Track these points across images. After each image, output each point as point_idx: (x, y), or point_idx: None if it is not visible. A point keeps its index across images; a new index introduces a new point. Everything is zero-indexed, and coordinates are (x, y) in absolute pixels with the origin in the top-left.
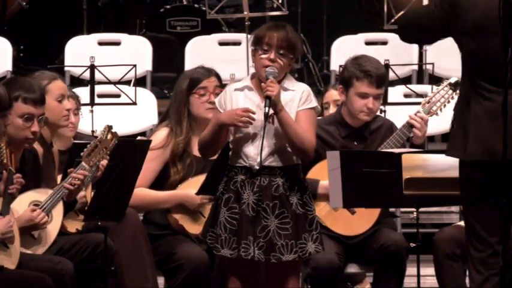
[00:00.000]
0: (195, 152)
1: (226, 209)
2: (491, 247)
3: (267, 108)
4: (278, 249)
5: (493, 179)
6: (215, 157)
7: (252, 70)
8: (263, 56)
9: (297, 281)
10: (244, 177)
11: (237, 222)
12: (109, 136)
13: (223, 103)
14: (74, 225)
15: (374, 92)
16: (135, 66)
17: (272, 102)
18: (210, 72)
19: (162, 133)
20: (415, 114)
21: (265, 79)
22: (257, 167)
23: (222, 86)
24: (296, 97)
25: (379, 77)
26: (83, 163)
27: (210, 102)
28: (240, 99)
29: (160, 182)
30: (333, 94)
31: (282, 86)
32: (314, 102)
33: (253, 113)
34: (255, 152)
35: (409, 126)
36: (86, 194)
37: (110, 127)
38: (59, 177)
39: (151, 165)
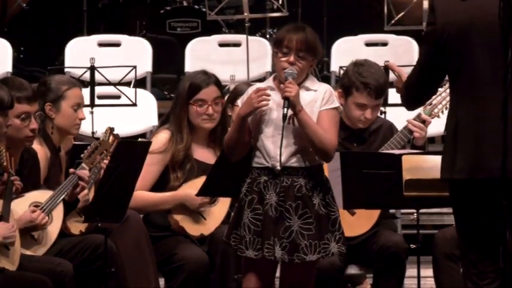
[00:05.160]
0: (196, 155)
1: (249, 210)
2: (484, 255)
3: (285, 110)
4: (302, 249)
5: (482, 195)
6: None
7: (252, 72)
8: (283, 58)
9: (313, 282)
10: (267, 178)
11: (261, 223)
12: (111, 138)
13: None
14: (78, 228)
15: (372, 103)
16: (135, 67)
17: (291, 103)
18: (210, 79)
19: (163, 136)
20: (416, 117)
21: (284, 81)
22: (279, 168)
23: (222, 95)
24: (319, 97)
25: (379, 88)
26: (83, 164)
27: (207, 114)
28: None
29: (160, 186)
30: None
31: (303, 86)
32: (336, 103)
33: (266, 89)
34: (276, 152)
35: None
36: (89, 196)
37: (111, 129)
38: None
39: (151, 169)
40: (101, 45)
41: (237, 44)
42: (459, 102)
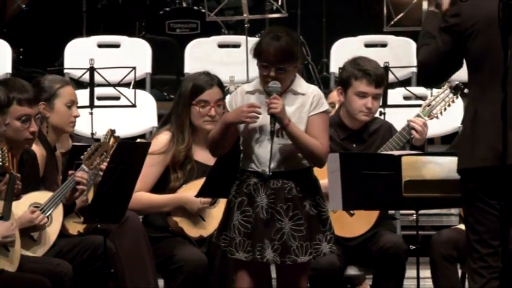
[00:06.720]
0: (196, 157)
1: (239, 212)
2: (494, 249)
3: (272, 126)
4: (293, 251)
5: (500, 183)
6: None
7: (251, 73)
8: (264, 72)
9: (306, 281)
10: (256, 180)
11: (251, 225)
12: (111, 140)
13: (234, 105)
14: (76, 228)
15: (373, 91)
16: (134, 68)
17: (278, 118)
18: (213, 81)
19: (164, 137)
20: (415, 117)
21: (268, 94)
22: (269, 173)
23: (224, 97)
24: (307, 102)
25: (378, 77)
26: (83, 166)
27: (210, 115)
28: (251, 101)
29: (161, 187)
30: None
31: (290, 90)
32: (325, 105)
33: (259, 107)
34: (266, 158)
35: (409, 128)
36: (88, 197)
37: (112, 131)
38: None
39: (152, 170)
40: (100, 46)
41: (236, 45)
42: (481, 94)
